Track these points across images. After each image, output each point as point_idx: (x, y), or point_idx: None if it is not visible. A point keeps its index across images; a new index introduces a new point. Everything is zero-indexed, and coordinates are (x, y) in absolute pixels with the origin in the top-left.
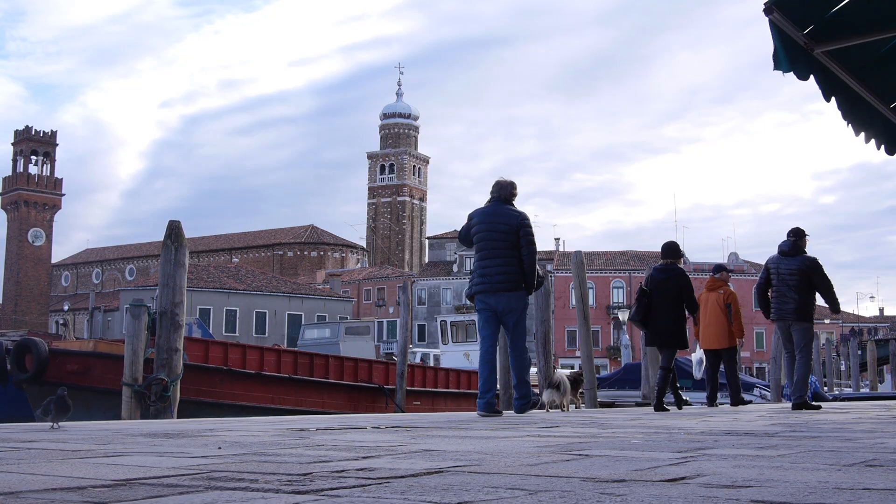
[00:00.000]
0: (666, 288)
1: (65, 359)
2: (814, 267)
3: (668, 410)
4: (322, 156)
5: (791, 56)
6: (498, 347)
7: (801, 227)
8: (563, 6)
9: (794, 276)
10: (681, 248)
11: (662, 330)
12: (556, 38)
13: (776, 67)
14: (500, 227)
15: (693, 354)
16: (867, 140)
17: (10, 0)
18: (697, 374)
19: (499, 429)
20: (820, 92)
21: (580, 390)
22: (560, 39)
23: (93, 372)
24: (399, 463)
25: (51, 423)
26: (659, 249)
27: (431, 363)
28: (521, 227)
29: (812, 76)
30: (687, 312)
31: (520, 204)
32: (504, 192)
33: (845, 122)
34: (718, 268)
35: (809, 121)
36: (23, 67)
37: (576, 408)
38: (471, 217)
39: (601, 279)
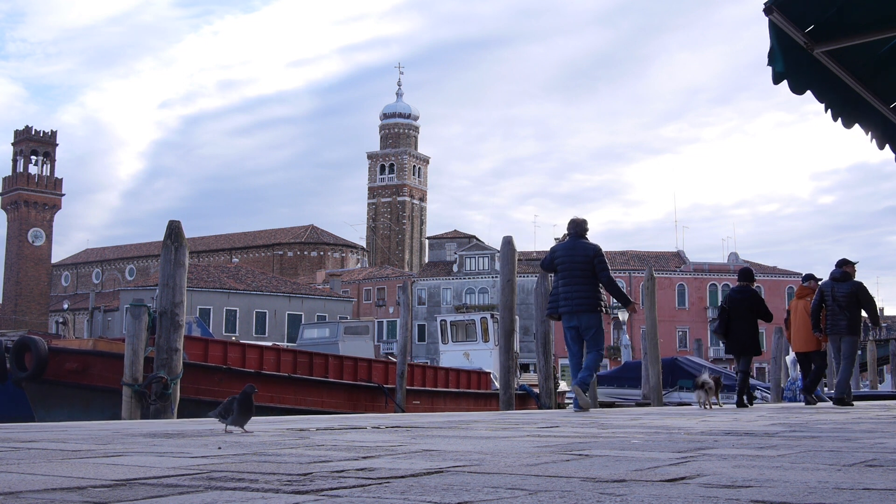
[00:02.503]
0: (742, 306)
1: (64, 357)
2: (861, 290)
3: (748, 406)
4: (322, 156)
5: (789, 57)
6: (494, 352)
7: (848, 258)
8: (562, 6)
9: (846, 298)
10: (754, 273)
11: (740, 340)
12: (554, 38)
13: (769, 64)
14: (578, 259)
15: (787, 356)
16: (872, 139)
17: (9, 1)
18: (793, 373)
19: (499, 429)
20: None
21: (720, 391)
22: (559, 40)
23: (92, 370)
24: (399, 463)
25: (227, 426)
26: (660, 250)
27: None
28: (595, 257)
29: (809, 90)
30: (763, 322)
31: (518, 204)
32: (579, 229)
33: (835, 118)
34: (808, 277)
35: (808, 121)
36: (23, 68)
37: (717, 406)
38: (554, 250)
39: None
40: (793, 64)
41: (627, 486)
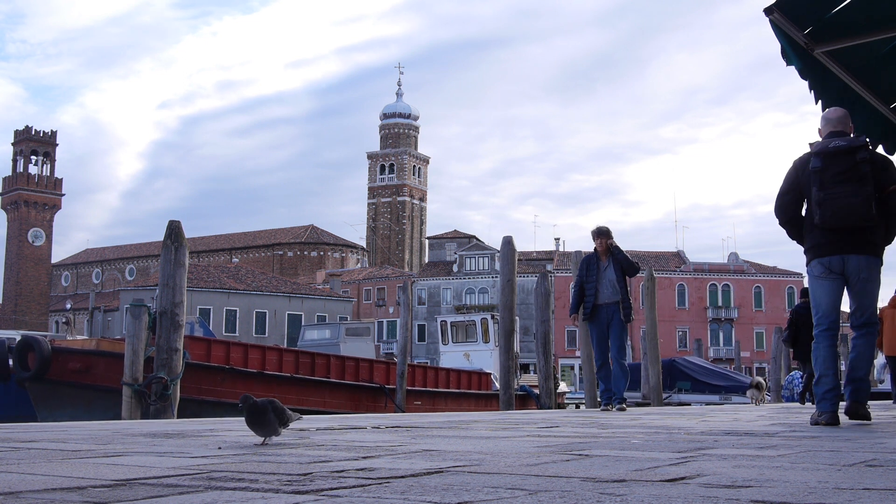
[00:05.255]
0: (809, 322)
1: (67, 357)
2: None
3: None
4: (322, 156)
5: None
6: (494, 353)
7: None
8: (561, 7)
9: None
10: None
11: (808, 350)
12: (553, 39)
13: (788, 63)
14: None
15: (876, 360)
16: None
17: (10, 2)
18: (879, 376)
19: (499, 429)
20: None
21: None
22: (558, 40)
23: (95, 370)
24: (399, 463)
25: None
26: (659, 250)
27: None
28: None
29: (807, 81)
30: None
31: (517, 204)
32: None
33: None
34: None
35: (806, 121)
36: (22, 69)
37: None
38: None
39: None
40: (794, 64)
41: (627, 486)
